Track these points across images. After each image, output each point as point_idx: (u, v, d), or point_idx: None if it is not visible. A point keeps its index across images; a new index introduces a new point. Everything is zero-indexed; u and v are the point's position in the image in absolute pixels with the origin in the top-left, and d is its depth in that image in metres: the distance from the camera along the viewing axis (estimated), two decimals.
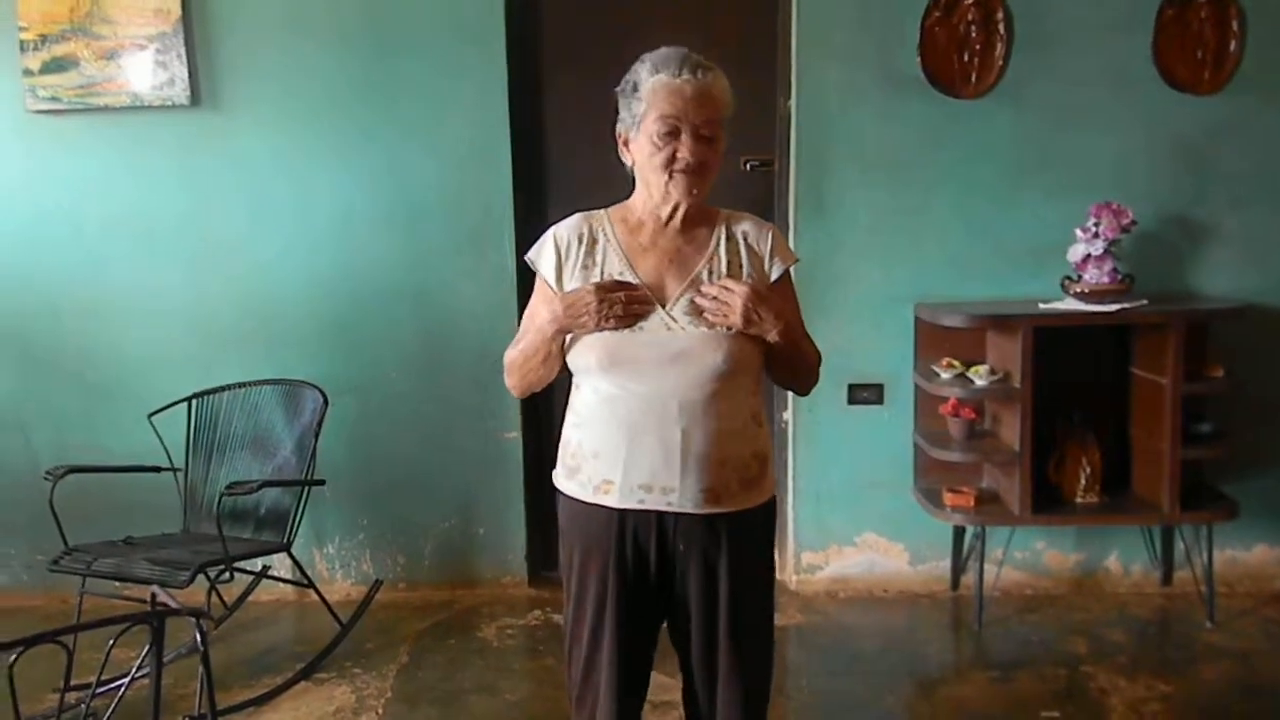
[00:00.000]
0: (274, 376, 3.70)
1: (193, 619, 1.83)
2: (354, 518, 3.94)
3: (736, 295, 1.89)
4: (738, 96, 1.96)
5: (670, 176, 1.91)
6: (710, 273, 1.95)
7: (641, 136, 1.93)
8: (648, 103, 1.90)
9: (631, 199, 2.03)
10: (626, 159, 1.99)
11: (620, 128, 1.98)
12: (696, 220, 1.99)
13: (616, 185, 2.05)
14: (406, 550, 3.96)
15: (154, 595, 1.92)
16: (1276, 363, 3.76)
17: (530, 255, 2.05)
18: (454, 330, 3.85)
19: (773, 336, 1.92)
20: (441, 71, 3.71)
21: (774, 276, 2.00)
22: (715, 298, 1.91)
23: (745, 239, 2.00)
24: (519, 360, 2.04)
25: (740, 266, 1.97)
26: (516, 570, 3.97)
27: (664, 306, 1.93)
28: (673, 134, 1.89)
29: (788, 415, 3.87)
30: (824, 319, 3.65)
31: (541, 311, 1.99)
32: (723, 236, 1.99)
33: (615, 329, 1.91)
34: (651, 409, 1.90)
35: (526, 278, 3.72)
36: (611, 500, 1.95)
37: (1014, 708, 3.09)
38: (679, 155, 1.89)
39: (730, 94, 1.93)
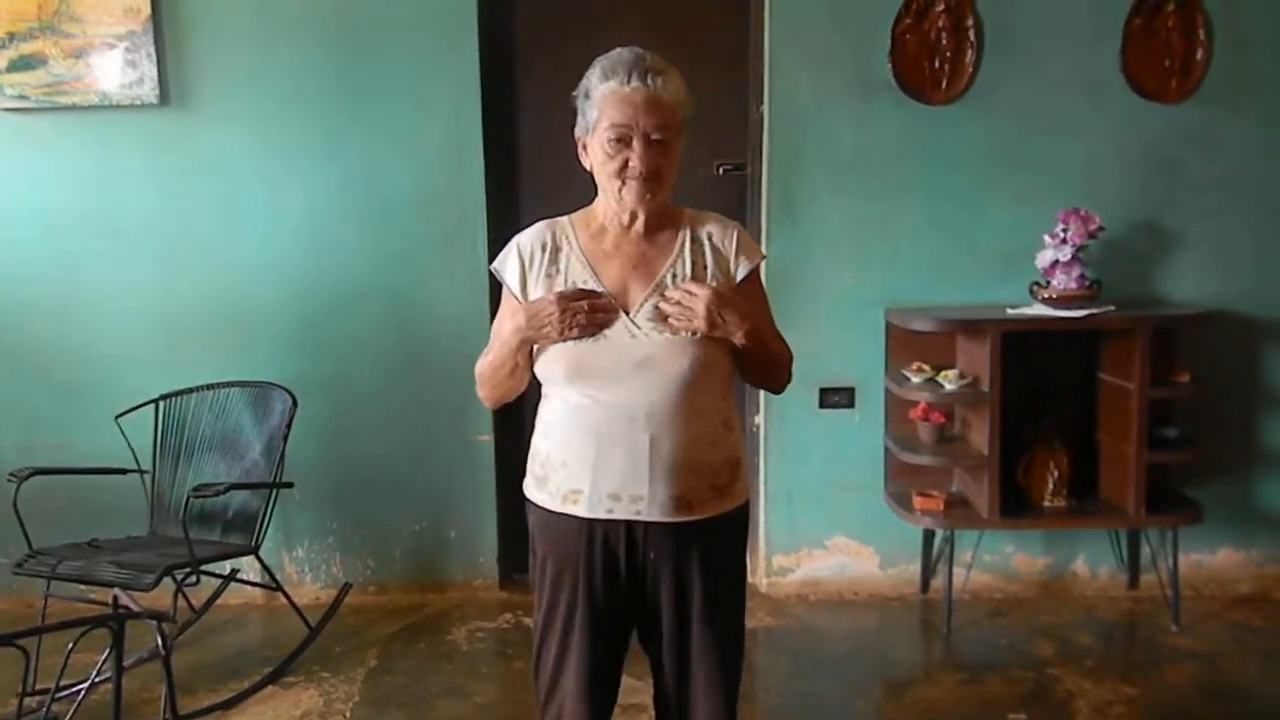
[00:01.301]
0: (244, 377, 3.67)
1: (154, 622, 1.81)
2: (323, 520, 3.91)
3: (699, 299, 1.87)
4: (710, 101, 1.95)
5: (623, 183, 1.90)
6: (674, 276, 1.94)
7: (595, 143, 1.92)
8: (599, 110, 1.89)
9: (594, 204, 2.02)
10: (586, 162, 1.98)
11: (578, 132, 1.97)
12: (661, 223, 1.98)
13: (588, 185, 2.04)
14: (376, 553, 3.94)
15: (115, 598, 1.90)
16: (1242, 368, 3.80)
17: (495, 265, 2.03)
18: (426, 330, 3.83)
19: (739, 339, 1.90)
20: (414, 71, 3.70)
21: (740, 276, 1.98)
22: (678, 303, 1.89)
23: (710, 239, 1.98)
24: (488, 372, 2.03)
25: (705, 268, 1.96)
26: (487, 573, 3.96)
27: (628, 313, 1.91)
28: (623, 141, 1.88)
29: (759, 419, 3.88)
30: (795, 323, 3.64)
31: (506, 323, 1.98)
32: (687, 239, 1.98)
33: (579, 338, 1.89)
34: (619, 417, 1.89)
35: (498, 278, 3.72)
36: (580, 510, 1.94)
37: (982, 710, 3.11)
38: (630, 163, 1.88)
39: (685, 95, 1.92)
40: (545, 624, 2.03)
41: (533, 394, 2.07)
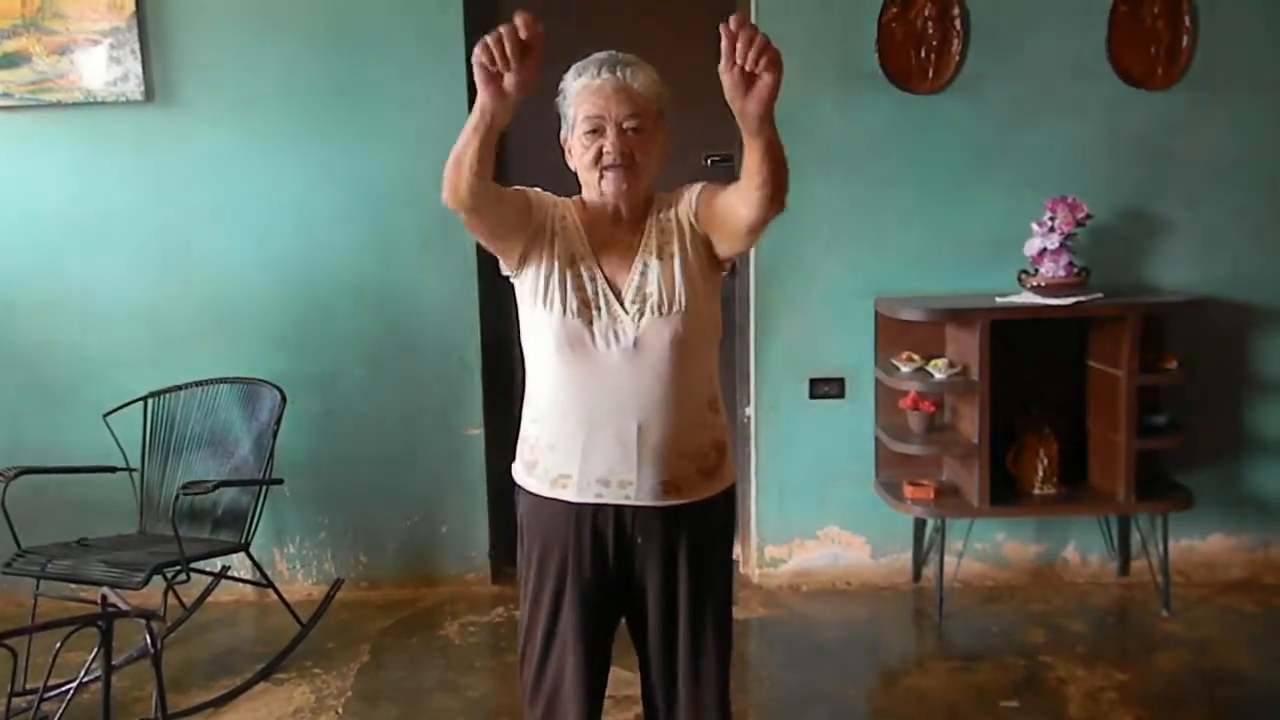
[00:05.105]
0: (234, 374, 3.66)
1: (143, 621, 1.80)
2: (315, 516, 3.90)
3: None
4: (698, 92, 1.96)
5: (601, 174, 1.93)
6: (650, 255, 1.95)
7: (574, 139, 1.96)
8: (574, 106, 1.94)
9: (583, 196, 2.03)
10: (571, 164, 2.01)
11: (562, 135, 2.00)
12: (644, 211, 2.00)
13: (575, 181, 2.04)
14: (368, 549, 3.93)
15: (104, 597, 1.89)
16: (1230, 354, 3.81)
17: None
18: (416, 326, 3.82)
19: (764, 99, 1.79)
20: (400, 66, 3.68)
21: (698, 192, 1.96)
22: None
23: (675, 210, 1.98)
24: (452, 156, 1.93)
25: (673, 233, 1.96)
26: (479, 567, 3.96)
27: (619, 299, 1.93)
28: (597, 132, 1.91)
29: (750, 410, 3.87)
30: (785, 313, 3.67)
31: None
32: (656, 219, 1.99)
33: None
34: (607, 402, 1.91)
35: (487, 273, 3.73)
36: (569, 495, 1.96)
37: (974, 698, 3.11)
38: (605, 151, 1.91)
39: (658, 86, 1.95)
40: (532, 609, 2.03)
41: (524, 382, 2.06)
